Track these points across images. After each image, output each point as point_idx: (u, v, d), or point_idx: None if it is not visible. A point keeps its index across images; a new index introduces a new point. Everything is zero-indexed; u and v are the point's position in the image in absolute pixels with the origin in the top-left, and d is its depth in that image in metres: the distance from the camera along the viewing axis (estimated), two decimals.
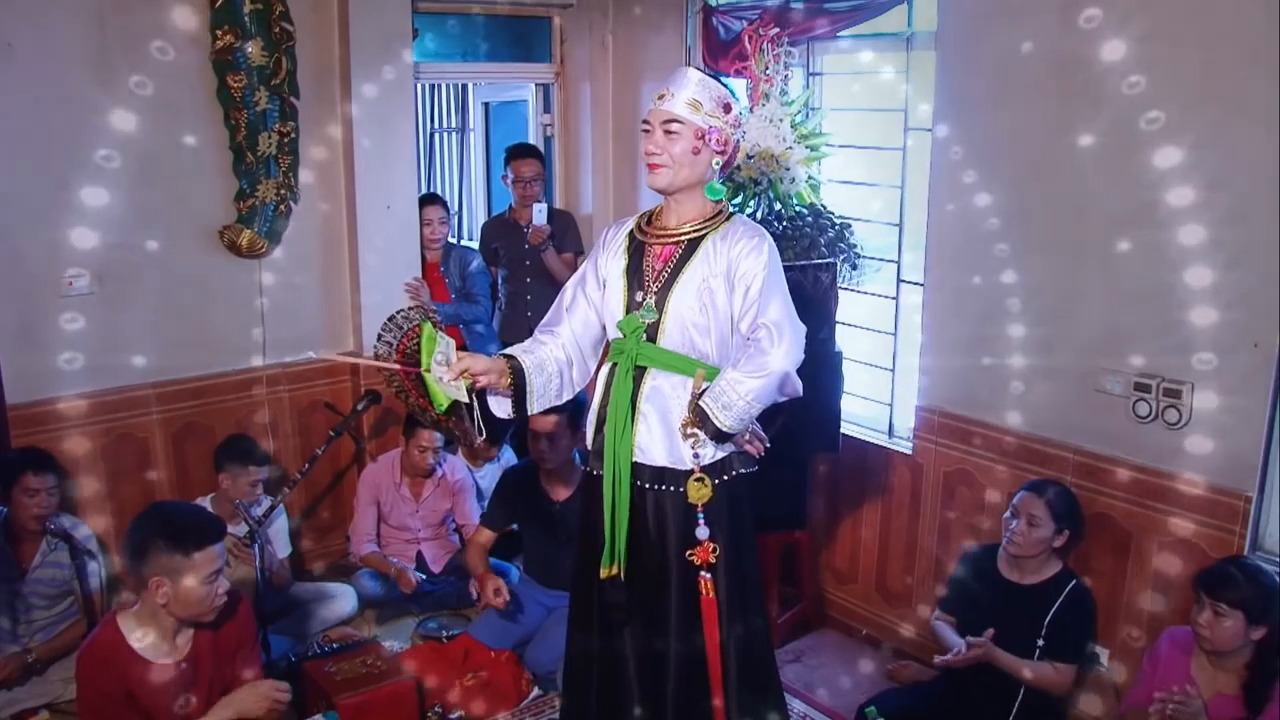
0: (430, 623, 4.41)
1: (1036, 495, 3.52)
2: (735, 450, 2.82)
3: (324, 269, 4.90)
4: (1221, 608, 2.95)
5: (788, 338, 2.66)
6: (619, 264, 2.86)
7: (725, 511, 2.82)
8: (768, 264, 2.70)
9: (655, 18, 5.17)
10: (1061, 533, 3.50)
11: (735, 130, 2.80)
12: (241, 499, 4.11)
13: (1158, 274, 3.37)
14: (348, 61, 4.69)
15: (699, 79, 2.75)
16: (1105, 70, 3.41)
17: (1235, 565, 3.03)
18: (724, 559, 2.81)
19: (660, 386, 2.79)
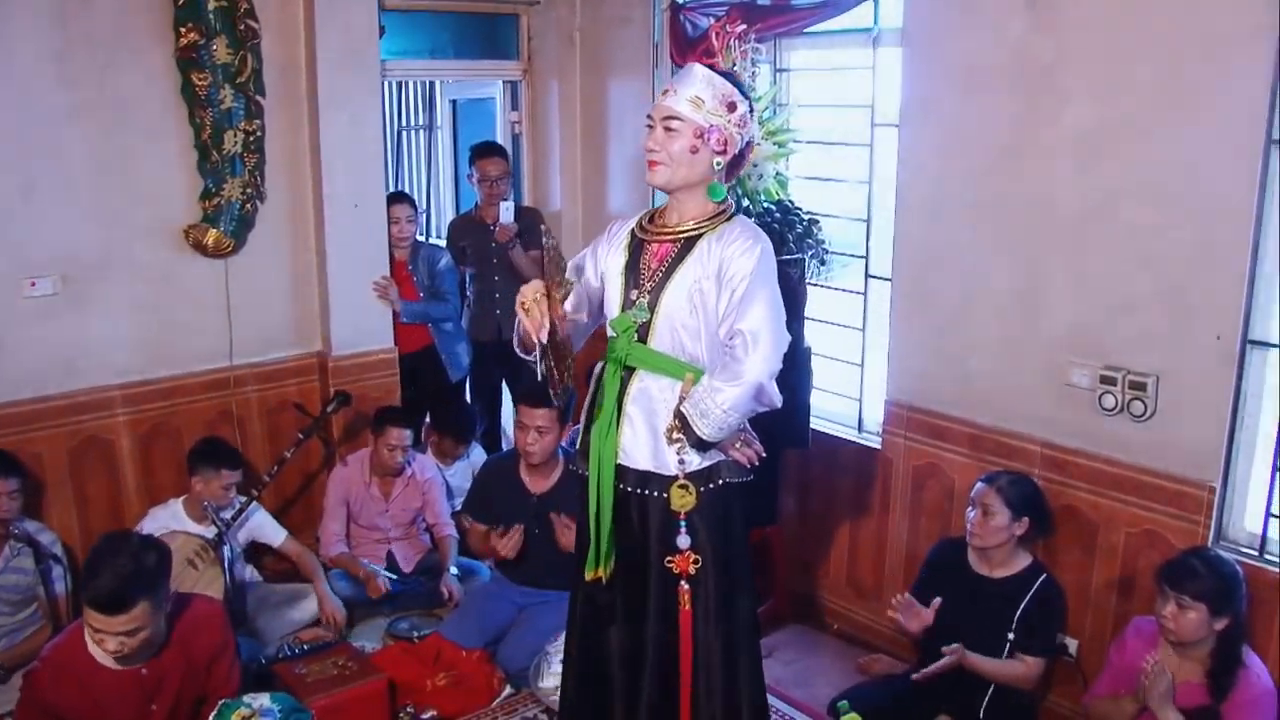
0: (401, 623, 4.39)
1: (989, 485, 3.55)
2: (724, 458, 2.76)
3: (291, 268, 4.87)
4: (1185, 600, 2.98)
5: (764, 346, 2.59)
6: (619, 261, 2.82)
7: (711, 522, 2.76)
8: (756, 268, 2.62)
9: (623, 14, 5.17)
10: (1019, 520, 3.51)
11: (741, 130, 2.71)
12: (214, 502, 4.08)
13: (1122, 268, 3.41)
14: (314, 59, 4.65)
15: (705, 76, 2.68)
16: (1070, 67, 3.45)
17: (1197, 557, 3.06)
18: (710, 571, 2.75)
19: (647, 388, 2.74)
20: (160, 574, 2.91)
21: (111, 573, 2.79)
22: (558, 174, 5.69)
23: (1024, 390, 3.74)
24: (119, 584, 2.79)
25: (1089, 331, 3.53)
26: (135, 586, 2.81)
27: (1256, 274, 3.17)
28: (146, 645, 2.92)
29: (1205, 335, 3.25)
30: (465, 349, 5.36)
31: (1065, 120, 3.50)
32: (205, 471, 4.20)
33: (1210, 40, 3.12)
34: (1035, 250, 3.64)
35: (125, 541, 2.93)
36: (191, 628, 3.09)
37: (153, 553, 2.91)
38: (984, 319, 3.83)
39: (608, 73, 5.35)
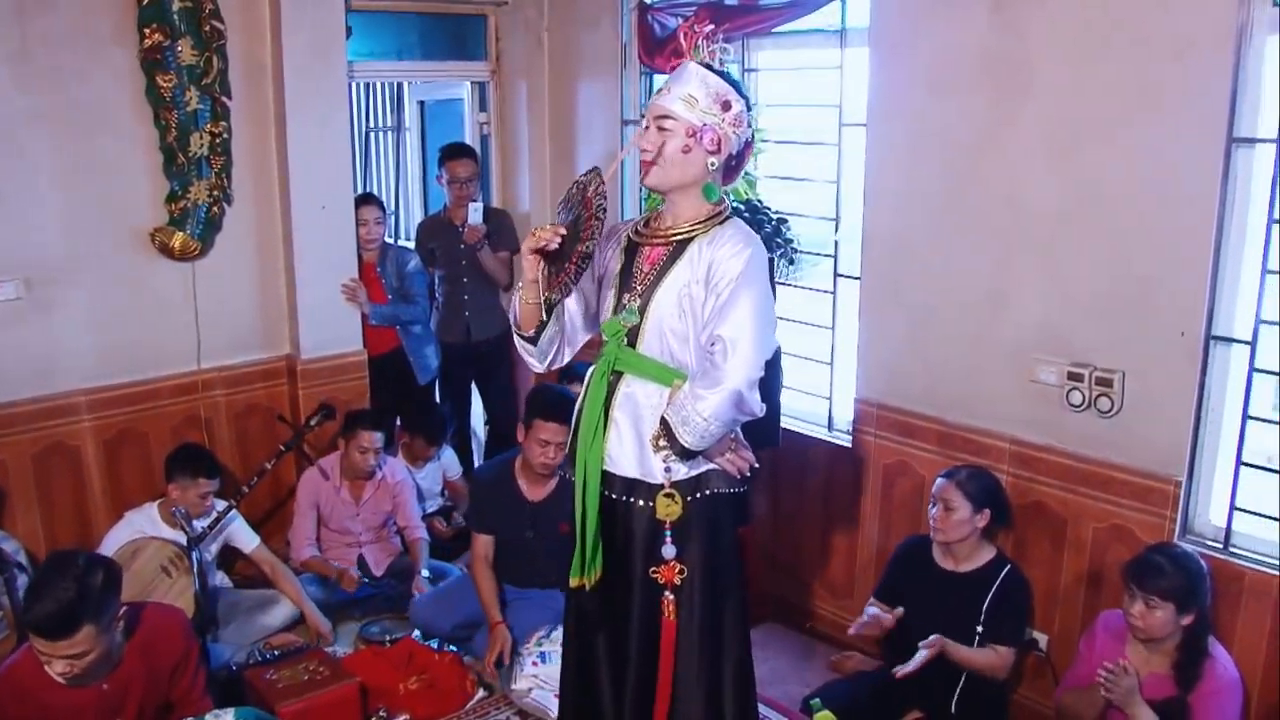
0: (373, 626, 4.36)
1: (949, 480, 3.58)
2: (714, 468, 2.70)
3: (259, 271, 4.84)
4: (1153, 600, 3.02)
5: (743, 352, 2.50)
6: (615, 263, 2.77)
7: (699, 532, 2.70)
8: (744, 272, 2.55)
9: (591, 15, 5.16)
10: (981, 512, 3.54)
11: (736, 129, 2.64)
12: (190, 509, 4.03)
13: (1089, 266, 3.44)
14: (280, 60, 4.62)
15: (699, 74, 2.62)
16: (1036, 66, 3.48)
17: (1162, 554, 3.09)
18: (697, 583, 2.70)
19: (634, 394, 2.69)
20: (107, 595, 2.82)
21: (53, 597, 2.71)
22: (526, 175, 5.68)
23: (992, 387, 3.77)
24: (61, 609, 2.72)
25: (1056, 329, 3.56)
26: (79, 610, 2.73)
27: (1219, 270, 3.21)
28: (98, 665, 2.85)
29: (1170, 332, 3.29)
30: (434, 351, 5.35)
31: (1032, 119, 3.52)
32: (182, 479, 4.15)
33: (1174, 41, 3.16)
34: (1003, 249, 3.66)
35: (70, 563, 2.82)
36: (152, 637, 3.05)
37: (99, 573, 2.82)
38: (952, 317, 3.86)
39: (576, 73, 5.34)
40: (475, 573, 4.17)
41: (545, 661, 3.86)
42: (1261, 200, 3.10)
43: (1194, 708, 3.00)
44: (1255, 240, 3.14)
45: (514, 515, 4.16)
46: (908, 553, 3.77)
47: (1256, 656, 3.19)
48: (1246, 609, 3.21)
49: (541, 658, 3.88)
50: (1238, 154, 3.13)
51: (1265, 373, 3.24)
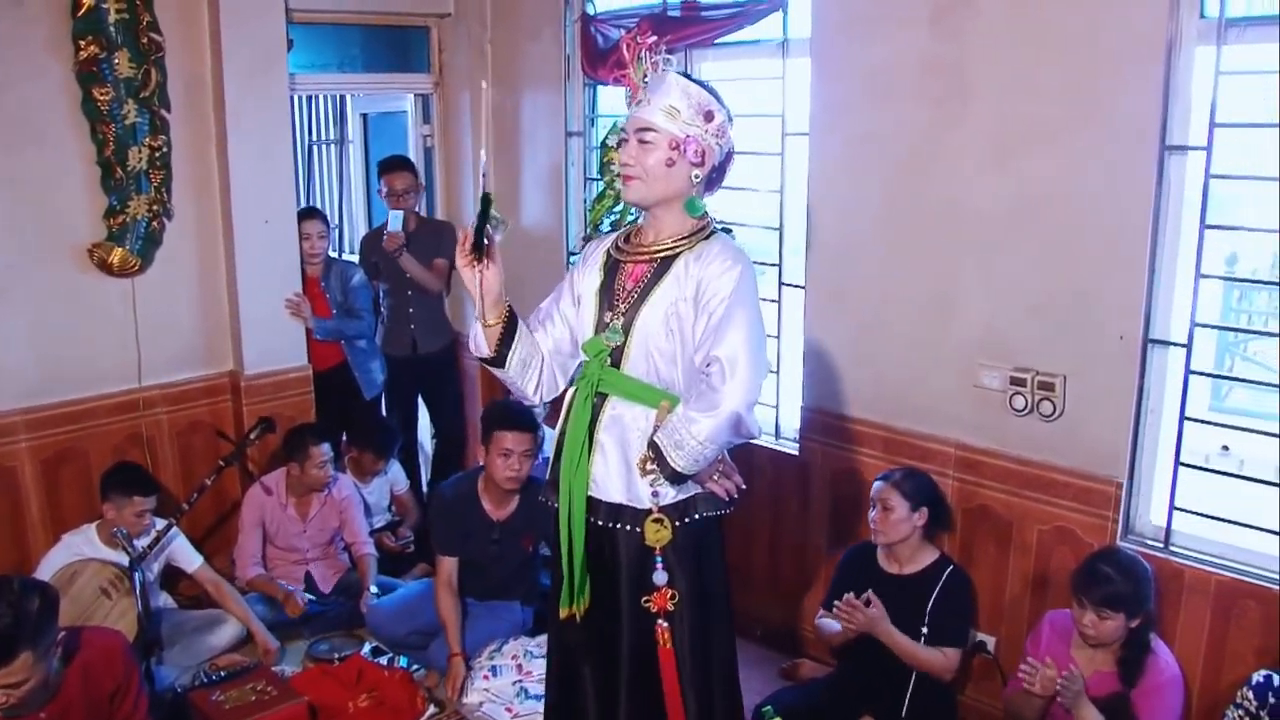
0: (321, 645, 4.32)
1: (885, 482, 3.62)
2: (701, 491, 2.63)
3: (200, 286, 4.78)
4: (1104, 611, 3.07)
5: (741, 375, 2.44)
6: (594, 282, 2.69)
7: (688, 557, 2.63)
8: (736, 290, 2.49)
9: (534, 27, 5.17)
10: (918, 510, 3.58)
11: (719, 140, 2.58)
12: (127, 529, 3.96)
13: (1030, 271, 3.49)
14: (220, 73, 4.59)
15: (680, 84, 2.54)
16: (975, 75, 3.53)
17: (1109, 563, 3.12)
18: (686, 609, 2.63)
19: (620, 416, 2.61)
20: (45, 621, 2.75)
21: None
22: (470, 187, 5.67)
23: (937, 393, 3.81)
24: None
25: (998, 334, 3.61)
26: (15, 638, 2.65)
27: (1155, 275, 3.27)
28: (36, 693, 2.77)
29: (1109, 335, 3.35)
30: (379, 366, 5.32)
31: (972, 127, 3.58)
32: (117, 498, 4.06)
33: (1107, 51, 3.22)
34: (945, 256, 3.71)
35: (5, 588, 2.73)
36: (91, 663, 2.98)
37: (36, 598, 2.73)
38: (897, 324, 3.89)
39: (520, 85, 5.34)
40: (439, 597, 4.08)
41: (496, 675, 3.85)
42: (1194, 206, 3.17)
43: (1137, 703, 3.06)
44: (1189, 245, 3.20)
45: (479, 534, 4.13)
46: (853, 559, 3.80)
47: (1197, 652, 3.25)
48: (1187, 606, 3.27)
49: (493, 671, 3.87)
50: (1170, 161, 3.20)
51: (1201, 374, 3.32)
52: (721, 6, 4.30)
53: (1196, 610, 3.25)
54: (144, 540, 4.08)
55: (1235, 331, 5.57)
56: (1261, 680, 2.92)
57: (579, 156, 5.15)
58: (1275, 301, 6.86)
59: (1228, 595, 3.19)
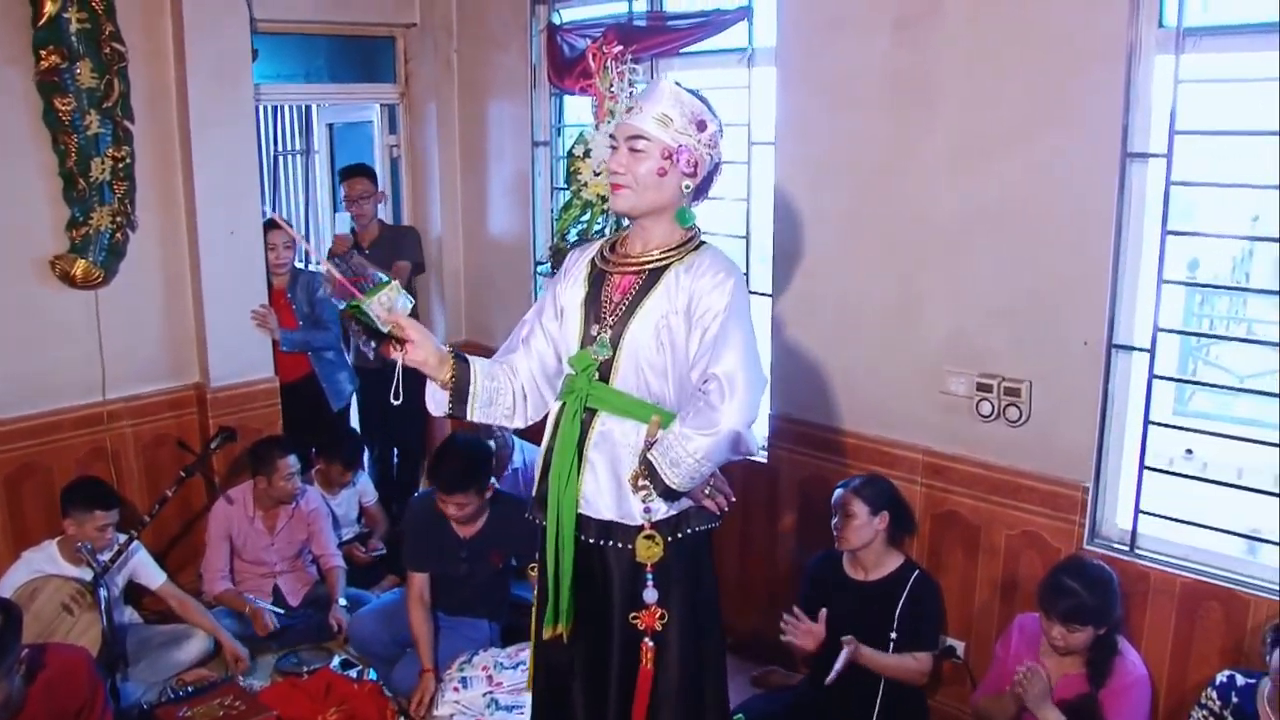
0: (290, 658, 4.28)
1: (845, 489, 3.64)
2: (692, 506, 2.59)
3: (165, 298, 4.74)
4: (1073, 625, 3.09)
5: (741, 392, 2.39)
6: (578, 293, 2.62)
7: (680, 574, 2.58)
8: (730, 304, 2.44)
9: (500, 36, 5.17)
10: (879, 515, 3.59)
11: (711, 150, 2.53)
12: (90, 544, 3.92)
13: (995, 278, 3.52)
14: (185, 83, 4.55)
15: (673, 92, 2.49)
16: (939, 84, 3.56)
17: (1074, 576, 3.13)
18: (676, 627, 2.57)
19: (610, 431, 2.54)
20: (8, 638, 2.73)
21: None
22: (438, 197, 5.65)
23: (904, 400, 3.83)
24: None
25: (965, 340, 3.64)
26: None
27: (1118, 281, 3.31)
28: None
29: (1073, 341, 3.38)
30: (347, 377, 5.30)
31: (937, 135, 3.60)
32: (77, 513, 4.00)
33: (1069, 60, 3.26)
34: (911, 263, 3.73)
35: None
36: (55, 680, 2.95)
37: None
38: (864, 331, 3.92)
39: (486, 95, 5.34)
40: (411, 613, 4.05)
41: (466, 687, 3.83)
42: (1155, 212, 3.20)
43: (1105, 704, 3.09)
44: (1151, 251, 3.24)
45: (449, 551, 4.10)
46: (819, 567, 3.81)
47: (1163, 652, 3.29)
48: (1152, 608, 3.30)
49: (463, 683, 3.84)
50: (1132, 168, 3.24)
51: (1164, 379, 3.35)
52: (687, 16, 4.32)
53: (1162, 612, 3.28)
54: (107, 554, 4.04)
55: (1197, 336, 5.64)
56: (1225, 680, 2.95)
57: (545, 166, 5.15)
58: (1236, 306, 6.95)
59: (1192, 597, 3.22)
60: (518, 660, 3.89)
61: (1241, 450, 3.81)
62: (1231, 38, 3.12)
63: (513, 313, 5.35)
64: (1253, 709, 2.87)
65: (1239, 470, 3.94)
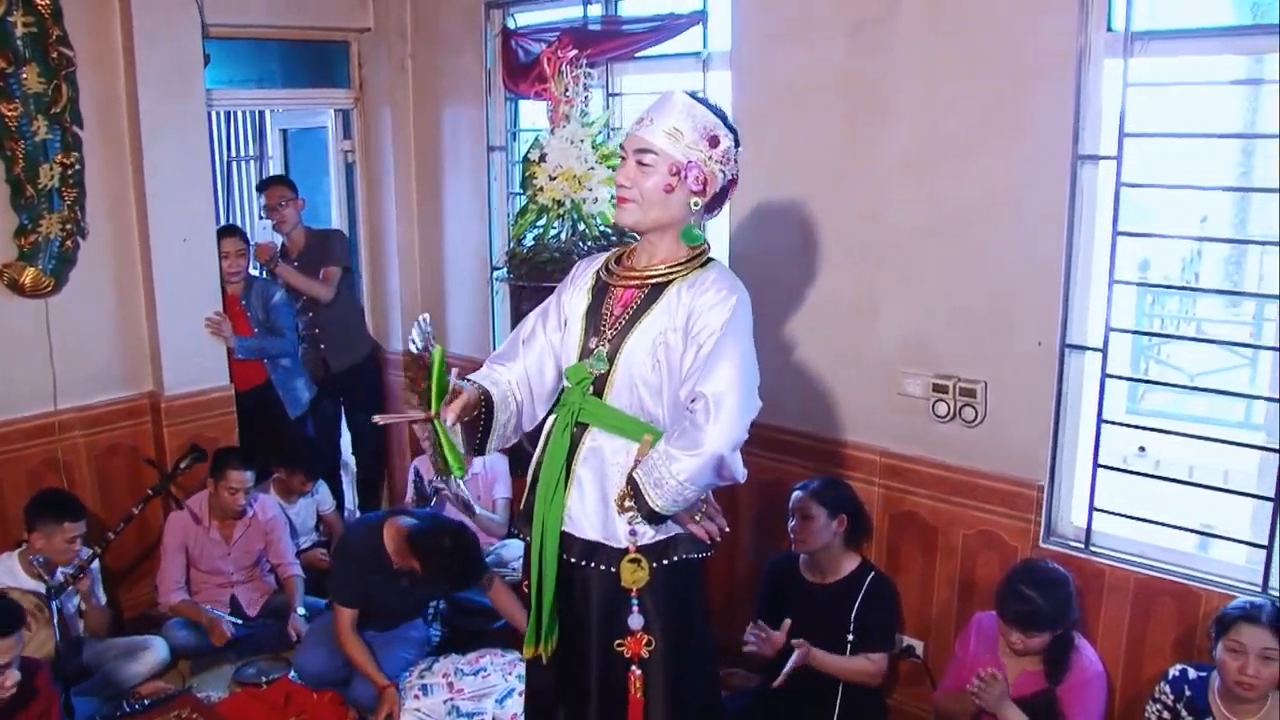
0: (248, 668, 4.24)
1: (803, 492, 3.65)
2: (681, 532, 2.48)
3: (117, 306, 4.68)
4: (1032, 634, 3.12)
5: (727, 414, 2.30)
6: (581, 304, 2.56)
7: (665, 601, 2.48)
8: (729, 323, 2.36)
9: (455, 41, 5.15)
10: (837, 517, 3.60)
11: (724, 167, 2.45)
12: (56, 556, 3.85)
13: (950, 280, 3.55)
14: (135, 89, 4.50)
15: (686, 105, 2.41)
16: (894, 89, 3.58)
17: (1030, 584, 3.15)
18: (661, 656, 2.48)
19: (600, 448, 2.47)
20: None
21: None
22: (393, 203, 5.62)
23: (862, 401, 3.86)
24: None
25: (921, 342, 3.66)
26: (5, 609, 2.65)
27: (1071, 281, 3.35)
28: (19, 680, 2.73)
29: (1027, 341, 3.41)
30: (305, 384, 5.25)
31: (891, 139, 3.63)
32: (46, 525, 3.92)
33: (1020, 64, 3.30)
34: (866, 266, 3.75)
35: None
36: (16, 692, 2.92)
37: None
38: (820, 334, 3.93)
39: (441, 100, 5.32)
40: (347, 648, 3.94)
41: (427, 694, 3.81)
42: (1106, 214, 3.25)
43: (1063, 699, 3.12)
44: (1102, 252, 3.28)
45: (386, 585, 4.02)
46: (777, 571, 3.82)
47: (1118, 647, 3.33)
48: (1107, 604, 3.34)
49: (423, 690, 3.83)
50: (1083, 170, 3.28)
51: (1117, 378, 3.39)
52: (642, 20, 4.32)
53: (1117, 608, 3.33)
54: (69, 569, 3.97)
55: (1149, 336, 5.72)
56: (1177, 674, 3.00)
57: (501, 171, 5.13)
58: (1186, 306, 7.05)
59: (1146, 592, 3.27)
60: (478, 667, 3.87)
61: (1193, 448, 3.87)
62: (1179, 41, 3.17)
63: (470, 318, 5.35)
64: (1205, 702, 2.92)
65: (1190, 468, 4.01)
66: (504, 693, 3.78)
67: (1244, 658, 2.77)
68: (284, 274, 5.24)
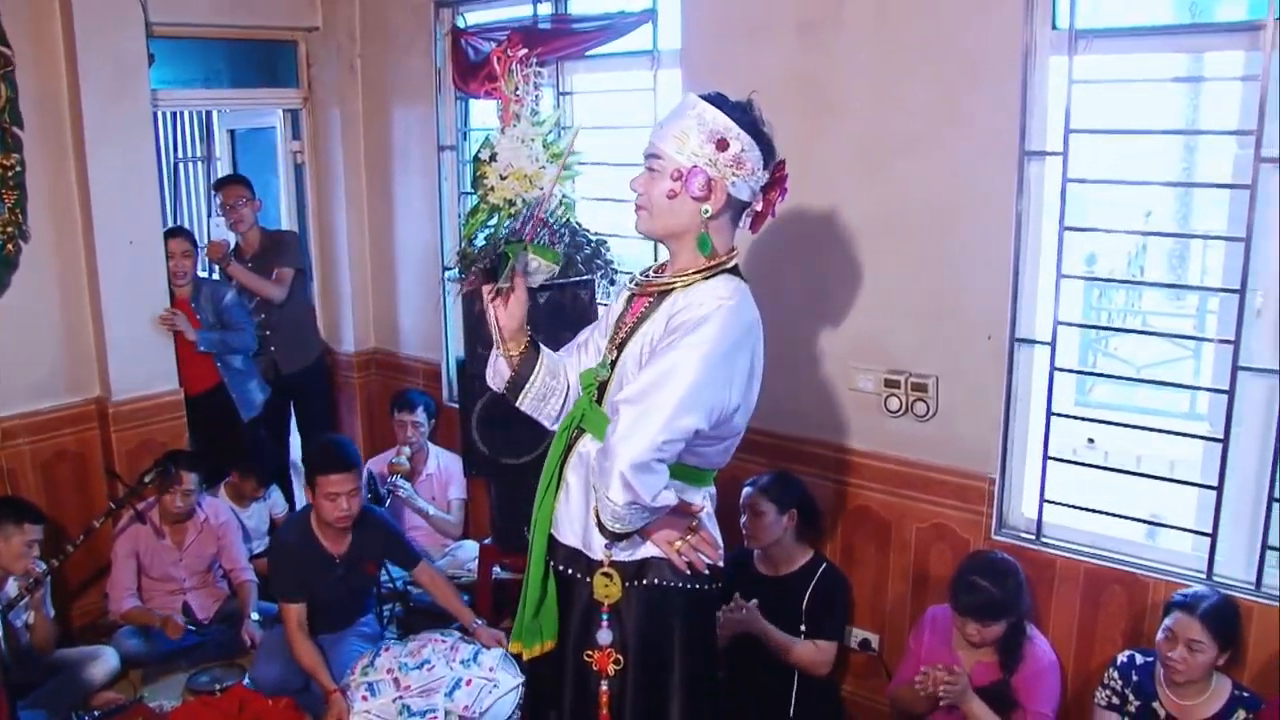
0: (201, 676, 4.18)
1: (753, 487, 3.68)
2: (659, 556, 2.36)
3: (63, 310, 4.60)
4: (986, 622, 3.16)
5: (634, 427, 2.12)
6: (615, 311, 2.50)
7: (639, 624, 2.38)
8: (697, 328, 2.19)
9: (404, 40, 5.12)
10: (787, 512, 3.63)
11: (736, 171, 2.27)
12: (12, 563, 3.77)
13: (901, 276, 3.58)
14: (77, 89, 4.42)
15: (697, 108, 2.29)
16: (843, 85, 3.61)
17: (982, 574, 3.19)
18: (633, 680, 2.39)
19: (588, 454, 2.38)
20: None
21: None
22: (343, 204, 5.57)
23: (815, 398, 3.88)
24: None
25: (872, 338, 3.69)
26: None
27: (1019, 276, 3.39)
28: None
29: (978, 336, 3.45)
30: (258, 386, 5.20)
31: (842, 136, 3.65)
32: (5, 529, 3.86)
33: (967, 61, 3.33)
34: (817, 263, 3.77)
35: None
36: None
37: None
38: (771, 331, 3.86)
39: (391, 100, 5.28)
40: (296, 647, 3.91)
41: (374, 694, 3.76)
42: (1053, 209, 3.29)
43: (1018, 689, 3.17)
44: (1049, 247, 3.32)
45: (323, 572, 4.01)
46: (731, 565, 3.83)
47: (1069, 636, 3.38)
48: (1058, 594, 3.39)
49: (370, 690, 3.78)
50: (1030, 167, 3.32)
51: (1065, 371, 3.43)
52: (592, 19, 4.32)
53: (1067, 598, 3.37)
54: (23, 578, 3.90)
55: (1096, 329, 5.80)
56: (1125, 660, 3.07)
57: (452, 171, 5.11)
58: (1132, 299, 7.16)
59: (1096, 581, 3.32)
60: (422, 659, 3.84)
61: (1140, 439, 3.94)
62: (1122, 39, 3.22)
63: (421, 319, 5.32)
64: (1151, 687, 2.99)
65: (1138, 458, 4.08)
66: (451, 684, 3.74)
67: (1174, 643, 2.87)
68: (236, 273, 5.19)
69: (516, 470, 3.91)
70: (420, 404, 5.00)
